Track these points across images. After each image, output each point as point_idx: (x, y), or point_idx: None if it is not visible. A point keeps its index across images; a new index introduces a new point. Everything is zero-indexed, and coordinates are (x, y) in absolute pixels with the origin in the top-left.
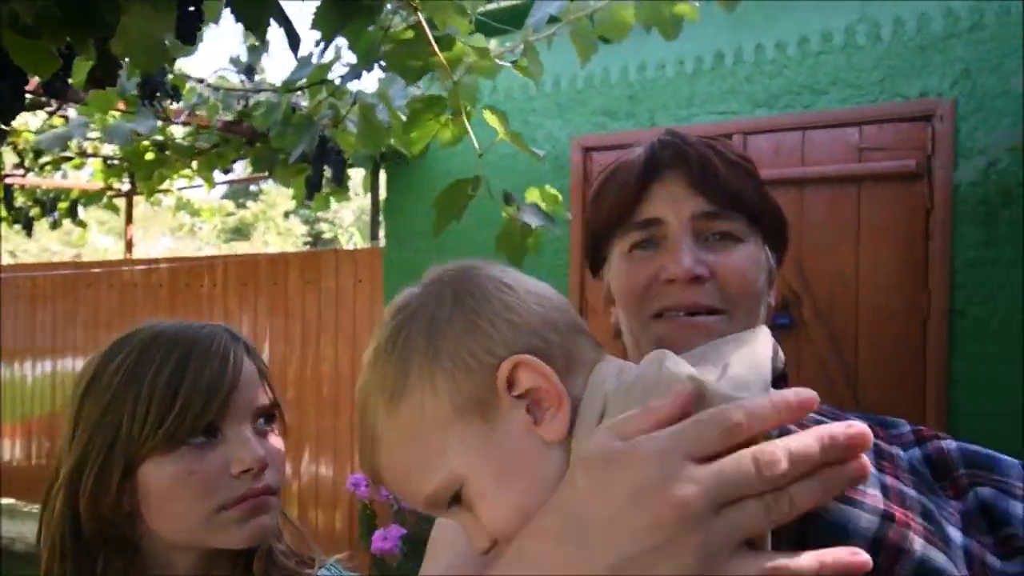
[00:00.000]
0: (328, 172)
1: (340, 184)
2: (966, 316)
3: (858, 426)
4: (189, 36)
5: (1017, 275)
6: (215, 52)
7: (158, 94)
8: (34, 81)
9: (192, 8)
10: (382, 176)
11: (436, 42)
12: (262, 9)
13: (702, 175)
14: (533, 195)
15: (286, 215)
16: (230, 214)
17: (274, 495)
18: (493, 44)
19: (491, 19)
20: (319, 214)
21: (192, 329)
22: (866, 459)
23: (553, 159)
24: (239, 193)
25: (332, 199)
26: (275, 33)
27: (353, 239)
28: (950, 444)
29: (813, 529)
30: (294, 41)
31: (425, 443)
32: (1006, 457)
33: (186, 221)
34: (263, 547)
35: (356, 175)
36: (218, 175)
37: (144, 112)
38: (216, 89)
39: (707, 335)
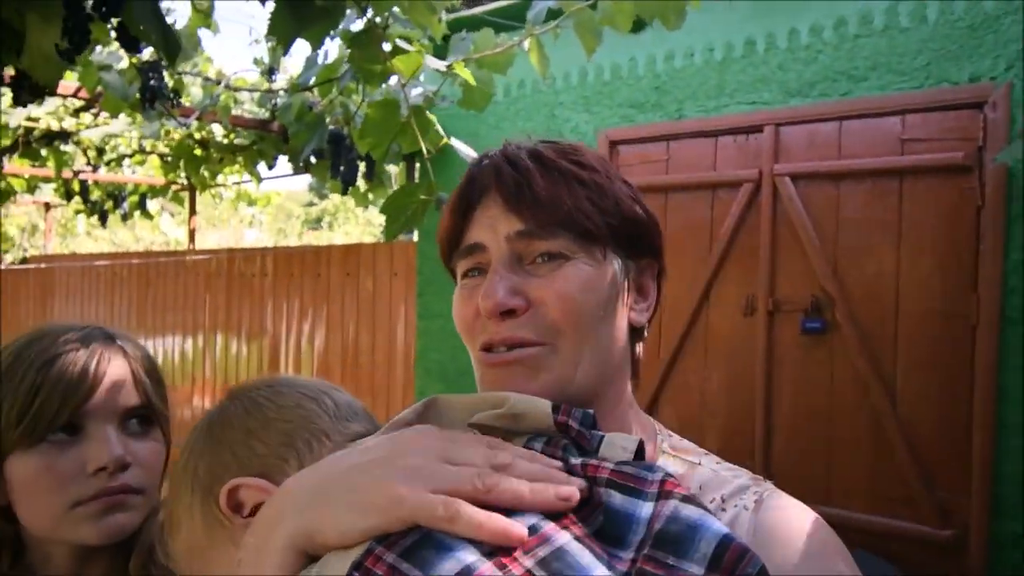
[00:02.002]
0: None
1: (351, 181)
2: (1018, 324)
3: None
4: (79, 43)
5: None
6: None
7: (157, 101)
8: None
9: (77, 19)
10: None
11: (390, 46)
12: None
13: (516, 193)
14: None
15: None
16: (310, 204)
17: (137, 494)
18: (502, 39)
19: (500, 17)
20: None
21: (66, 330)
22: (572, 492)
23: None
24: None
25: (370, 195)
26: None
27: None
28: (667, 510)
29: None
30: (172, 50)
31: (196, 565)
32: (712, 526)
33: (247, 213)
34: (143, 545)
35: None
36: (265, 170)
37: (149, 115)
38: (235, 89)
39: (527, 369)
